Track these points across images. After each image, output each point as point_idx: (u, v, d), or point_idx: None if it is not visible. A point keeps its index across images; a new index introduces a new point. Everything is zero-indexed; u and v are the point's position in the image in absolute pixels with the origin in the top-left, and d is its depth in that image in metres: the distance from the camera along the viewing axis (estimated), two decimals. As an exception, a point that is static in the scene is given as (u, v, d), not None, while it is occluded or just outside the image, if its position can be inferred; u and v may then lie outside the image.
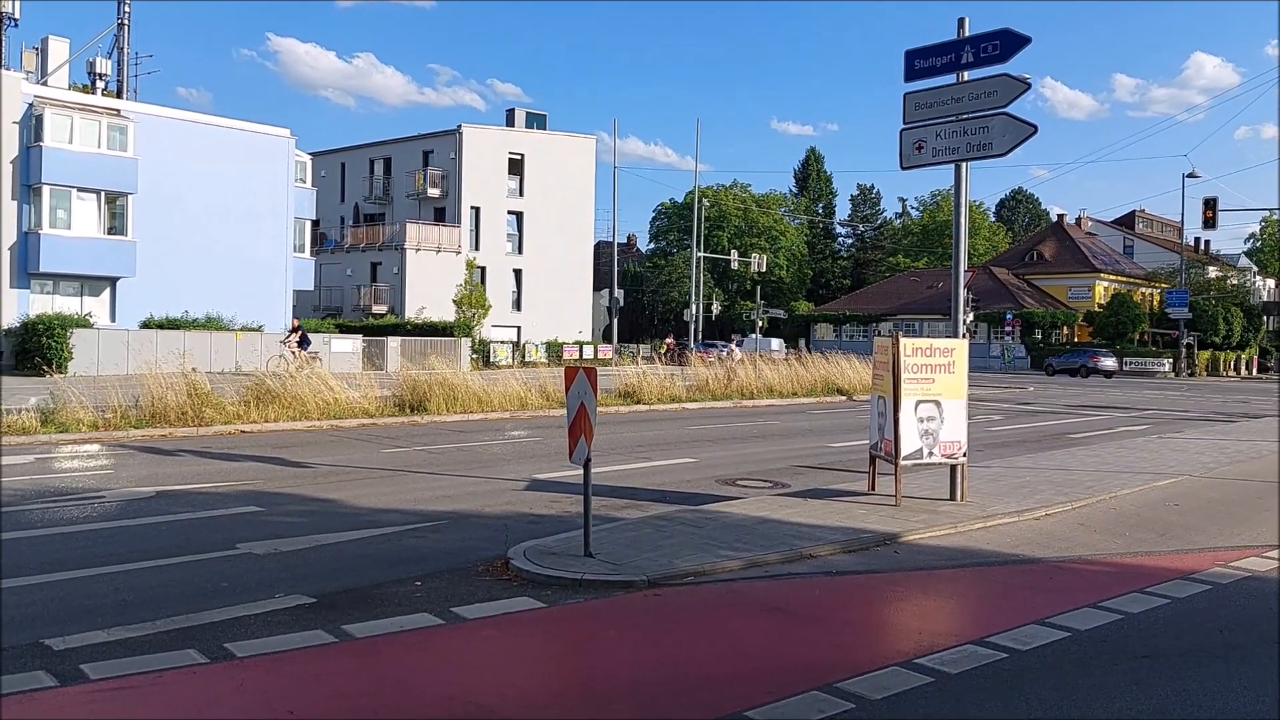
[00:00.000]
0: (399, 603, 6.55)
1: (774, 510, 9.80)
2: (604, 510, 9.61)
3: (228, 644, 5.59)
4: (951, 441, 10.24)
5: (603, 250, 67.24)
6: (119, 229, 34.15)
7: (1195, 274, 70.99)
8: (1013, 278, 72.55)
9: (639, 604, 6.77)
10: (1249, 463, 14.61)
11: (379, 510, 9.81)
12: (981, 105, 10.20)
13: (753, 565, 7.70)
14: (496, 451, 14.74)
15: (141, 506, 9.80)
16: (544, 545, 7.96)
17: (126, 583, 6.94)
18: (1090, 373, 49.49)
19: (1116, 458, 14.62)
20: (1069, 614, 6.49)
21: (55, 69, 37.40)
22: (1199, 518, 10.25)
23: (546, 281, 53.28)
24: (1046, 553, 8.52)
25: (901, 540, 8.77)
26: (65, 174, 32.37)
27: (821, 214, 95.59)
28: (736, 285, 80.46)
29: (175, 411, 16.07)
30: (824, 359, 30.92)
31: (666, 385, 24.42)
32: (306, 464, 12.83)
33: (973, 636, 6.00)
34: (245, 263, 36.78)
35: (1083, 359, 51.59)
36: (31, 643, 5.57)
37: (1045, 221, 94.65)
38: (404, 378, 20.62)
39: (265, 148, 38.10)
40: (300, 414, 17.41)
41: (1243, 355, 65.95)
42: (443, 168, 51.21)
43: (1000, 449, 16.10)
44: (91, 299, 34.10)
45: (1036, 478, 12.31)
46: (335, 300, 50.48)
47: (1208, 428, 21.09)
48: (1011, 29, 9.95)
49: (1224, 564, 8.10)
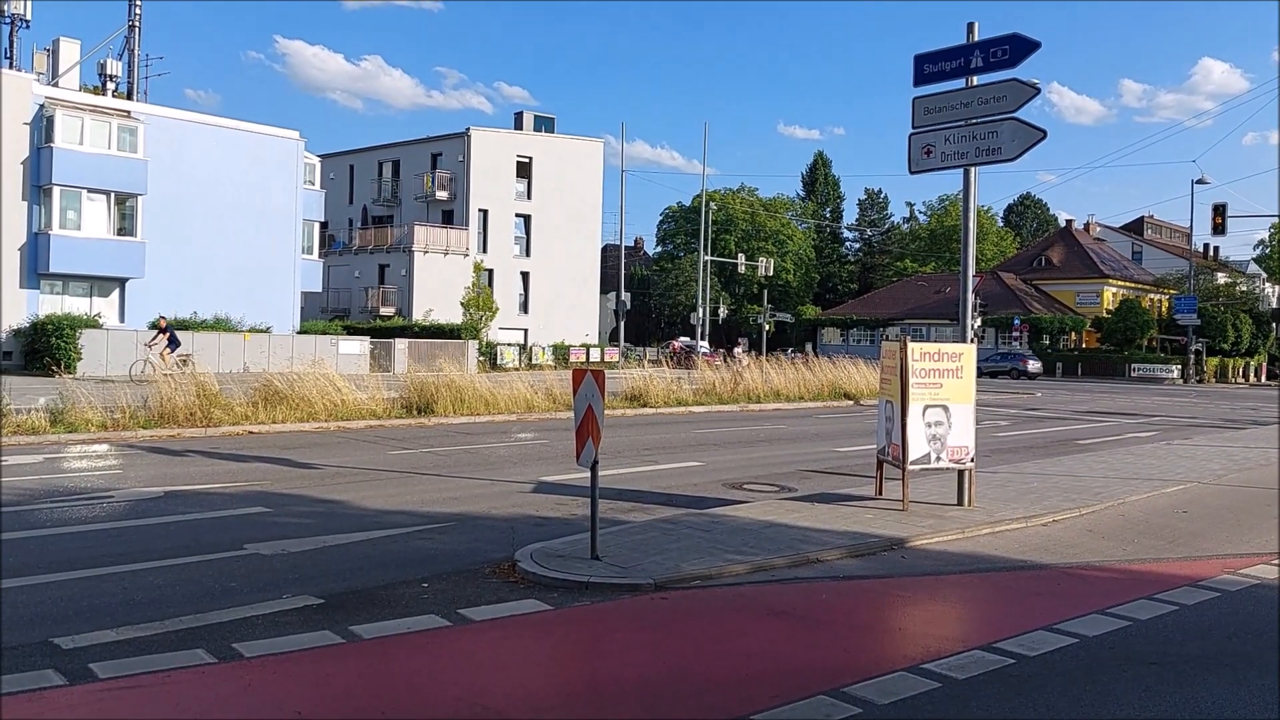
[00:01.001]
0: (406, 604, 6.56)
1: (781, 514, 9.80)
2: (610, 513, 9.62)
3: (236, 644, 5.60)
4: (959, 446, 10.22)
5: (610, 253, 67.32)
6: (128, 230, 34.27)
7: (1204, 280, 70.83)
8: (1021, 283, 72.42)
9: (645, 607, 6.77)
10: (1257, 470, 14.54)
11: (386, 512, 9.82)
12: (991, 110, 10.19)
13: (759, 569, 7.69)
14: (503, 454, 14.76)
15: (150, 506, 9.83)
16: (551, 548, 7.97)
17: (135, 582, 6.96)
18: (1020, 374, 55.46)
19: (1124, 464, 14.57)
20: (1077, 620, 6.48)
21: (66, 70, 37.59)
22: (1207, 525, 10.22)
23: (554, 284, 53.34)
24: (1054, 559, 8.50)
25: (909, 545, 8.76)
26: (75, 175, 32.51)
27: (829, 218, 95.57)
28: (744, 289, 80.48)
29: (183, 412, 16.12)
30: (831, 363, 30.89)
31: (673, 388, 24.41)
32: (314, 465, 12.86)
33: (980, 642, 5.99)
34: (254, 264, 36.89)
35: (1013, 362, 57.12)
36: (41, 641, 5.59)
37: (1053, 227, 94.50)
38: (411, 380, 20.64)
39: (274, 150, 38.23)
40: (308, 415, 17.45)
41: (1251, 362, 65.63)
42: (451, 170, 51.32)
43: (1008, 454, 16.07)
44: (100, 300, 34.23)
45: (1044, 484, 12.28)
46: (343, 302, 50.60)
47: (1216, 434, 21.01)
48: (1021, 34, 9.95)
49: (1233, 571, 8.07)
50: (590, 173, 55.88)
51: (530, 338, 50.22)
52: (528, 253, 53.24)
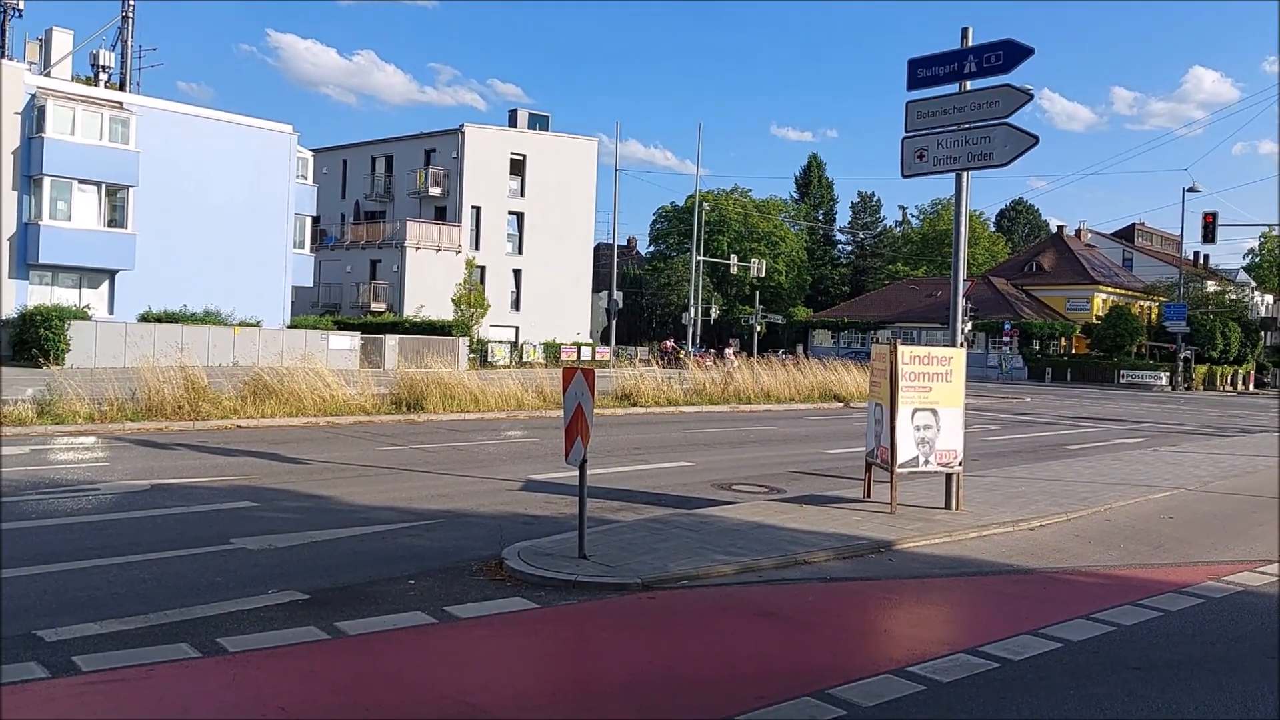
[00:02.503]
0: (392, 601, 6.54)
1: (769, 515, 9.81)
2: (599, 512, 9.62)
3: (220, 639, 5.59)
4: (947, 450, 10.25)
5: (602, 252, 67.25)
6: (119, 222, 34.10)
7: (1194, 288, 71.06)
8: (1011, 288, 72.64)
9: (633, 606, 6.77)
10: (1244, 477, 14.62)
11: (374, 508, 9.80)
12: (983, 115, 10.22)
13: (747, 570, 7.70)
14: (492, 451, 14.74)
15: (136, 500, 9.79)
16: (539, 546, 7.96)
17: (120, 575, 6.93)
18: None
19: (1112, 469, 14.63)
20: (1062, 625, 6.50)
21: (58, 61, 37.39)
22: (1193, 531, 10.27)
23: (546, 282, 53.26)
24: (1040, 563, 8.53)
25: (896, 548, 8.77)
26: (66, 166, 32.33)
27: (822, 220, 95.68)
28: (736, 290, 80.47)
29: (172, 405, 16.05)
30: (821, 365, 30.94)
31: (663, 388, 24.42)
32: (302, 460, 12.82)
33: (965, 645, 6.01)
34: (245, 258, 36.73)
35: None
36: (24, 634, 5.56)
37: (1045, 232, 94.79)
38: (401, 376, 20.60)
39: (267, 143, 38.09)
40: (297, 410, 17.40)
41: (1239, 370, 65.95)
42: (444, 167, 51.20)
43: (996, 459, 16.11)
44: (90, 291, 34.06)
45: (1032, 488, 12.32)
46: (334, 297, 50.44)
47: (1203, 441, 21.11)
48: (1015, 40, 9.97)
49: (1217, 578, 8.11)
50: (584, 171, 55.81)
51: (521, 335, 50.13)
52: (520, 250, 53.16)
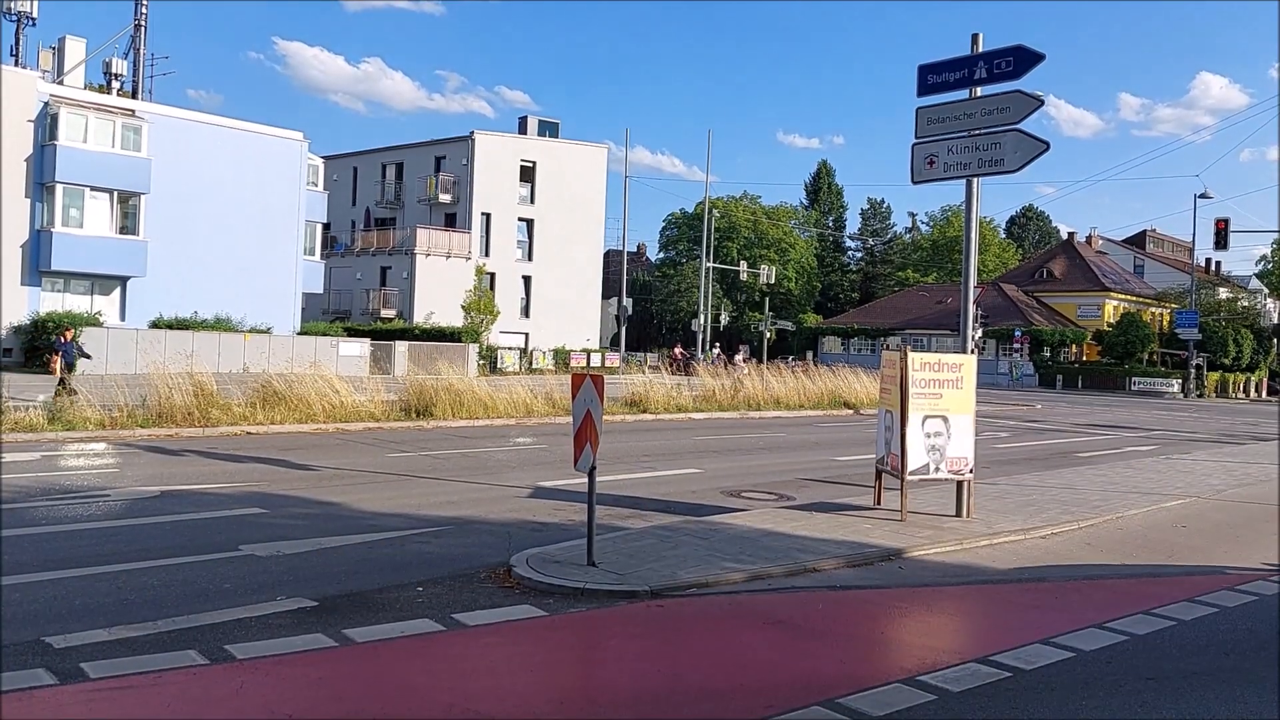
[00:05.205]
0: (401, 608, 6.53)
1: (779, 523, 9.77)
2: (608, 519, 9.60)
3: (229, 646, 5.58)
4: (958, 457, 10.20)
5: (612, 258, 67.33)
6: (131, 229, 34.29)
7: (1205, 295, 70.71)
8: (1022, 295, 72.38)
9: (641, 614, 6.74)
10: (1258, 485, 14.51)
11: (382, 514, 9.80)
12: (994, 121, 10.19)
13: (756, 578, 7.67)
14: (501, 458, 14.73)
15: (146, 506, 9.81)
16: (547, 553, 7.94)
17: (129, 582, 6.94)
18: None
19: (1124, 478, 14.54)
20: (1074, 634, 6.44)
21: (71, 68, 37.66)
22: (1206, 540, 10.19)
23: (555, 289, 53.33)
24: (1052, 572, 8.47)
25: (906, 556, 8.73)
26: (79, 173, 32.52)
27: (832, 227, 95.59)
28: (745, 296, 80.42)
29: (182, 412, 16.10)
30: (831, 372, 30.87)
31: (673, 395, 24.39)
32: (311, 467, 12.83)
33: (976, 654, 5.96)
34: (255, 264, 36.89)
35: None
36: (33, 640, 5.57)
37: (1055, 239, 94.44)
38: (411, 382, 20.62)
39: (278, 150, 38.27)
40: (306, 416, 17.43)
41: (1252, 378, 65.52)
42: (454, 173, 51.33)
43: (1007, 466, 16.03)
44: (102, 298, 34.23)
45: (1043, 496, 12.25)
46: (344, 304, 50.58)
47: (1216, 449, 20.97)
48: (1026, 46, 9.95)
49: (1231, 587, 8.03)
50: (593, 178, 55.92)
51: (531, 342, 50.16)
52: (530, 257, 53.24)
